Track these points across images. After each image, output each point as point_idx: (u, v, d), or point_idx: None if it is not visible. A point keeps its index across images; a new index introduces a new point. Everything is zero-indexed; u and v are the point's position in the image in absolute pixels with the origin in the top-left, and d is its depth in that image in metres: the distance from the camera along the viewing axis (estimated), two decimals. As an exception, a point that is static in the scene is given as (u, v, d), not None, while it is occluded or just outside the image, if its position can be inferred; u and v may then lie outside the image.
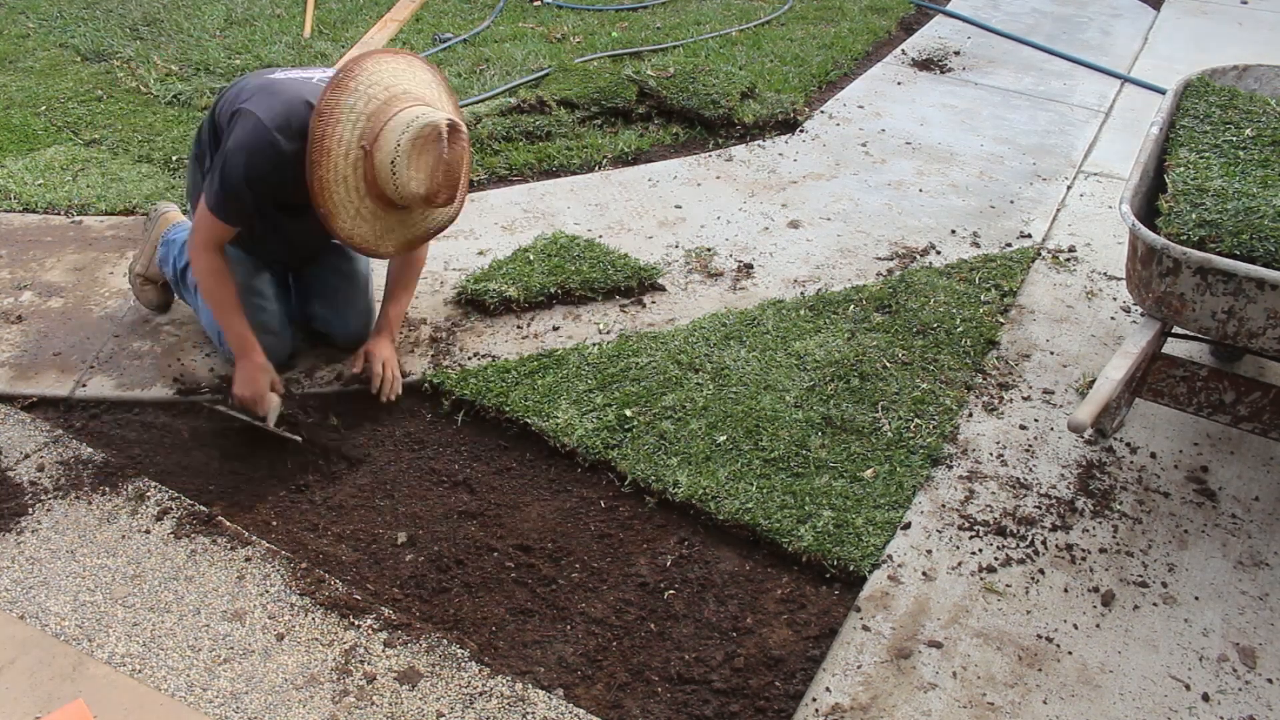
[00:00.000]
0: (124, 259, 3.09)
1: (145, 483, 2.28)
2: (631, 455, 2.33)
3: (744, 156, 3.79)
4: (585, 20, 5.14)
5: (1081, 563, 2.10)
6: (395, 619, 1.96)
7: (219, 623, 1.95)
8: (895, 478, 2.27)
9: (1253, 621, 1.98)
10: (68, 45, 4.74)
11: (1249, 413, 2.12)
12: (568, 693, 1.85)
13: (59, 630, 1.93)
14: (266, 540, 2.14)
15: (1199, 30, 5.24)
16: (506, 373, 2.58)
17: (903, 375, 2.59)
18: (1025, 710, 1.81)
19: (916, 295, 2.91)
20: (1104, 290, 3.00)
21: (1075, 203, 3.49)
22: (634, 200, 3.47)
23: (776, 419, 2.43)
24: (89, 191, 3.46)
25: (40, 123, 3.98)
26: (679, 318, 2.85)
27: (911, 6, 5.40)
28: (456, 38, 4.81)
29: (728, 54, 4.62)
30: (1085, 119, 4.16)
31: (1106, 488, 2.29)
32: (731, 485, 2.24)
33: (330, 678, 1.85)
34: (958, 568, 2.09)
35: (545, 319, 2.84)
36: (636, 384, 2.55)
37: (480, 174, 3.65)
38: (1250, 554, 2.13)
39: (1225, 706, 1.82)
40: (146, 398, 2.56)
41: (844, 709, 1.80)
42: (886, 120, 4.09)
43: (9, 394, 2.54)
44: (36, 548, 2.11)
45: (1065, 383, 2.62)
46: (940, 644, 1.93)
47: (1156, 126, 2.39)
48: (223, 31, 4.90)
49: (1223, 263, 1.91)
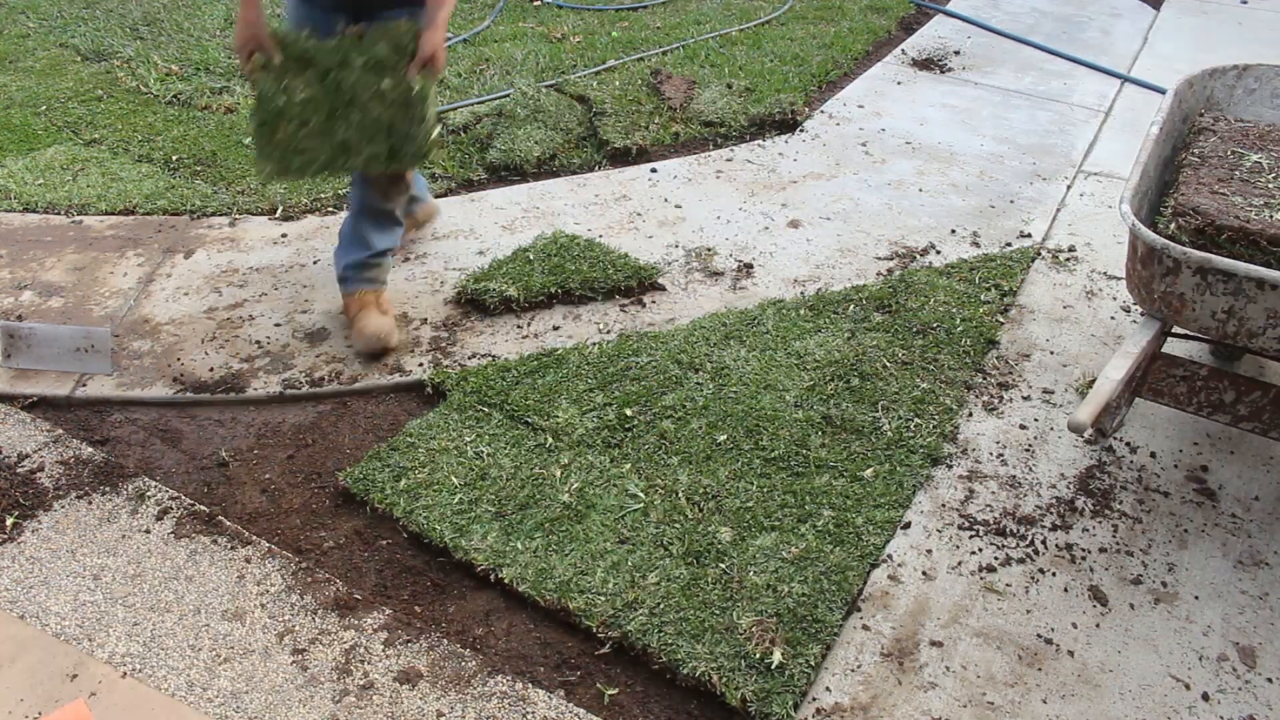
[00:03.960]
0: (124, 259, 3.09)
1: (145, 483, 2.28)
2: (632, 455, 2.33)
3: (744, 156, 3.79)
4: (585, 20, 5.14)
5: (1081, 562, 2.10)
6: (395, 619, 1.96)
7: (219, 622, 1.95)
8: (895, 477, 2.27)
9: (1253, 621, 1.98)
10: (68, 45, 4.74)
11: (1249, 412, 2.12)
12: (568, 693, 1.85)
13: (59, 630, 1.93)
14: (266, 540, 2.14)
15: (1199, 30, 5.24)
16: (506, 372, 2.58)
17: (903, 375, 2.59)
18: (1025, 710, 1.81)
19: (916, 295, 2.91)
20: (1104, 290, 3.00)
21: (1075, 202, 3.49)
22: (634, 200, 3.47)
23: (776, 418, 2.43)
24: (89, 191, 3.46)
25: (40, 122, 3.98)
26: (679, 317, 2.85)
27: (911, 6, 5.40)
28: (456, 37, 4.81)
29: (728, 53, 4.62)
30: (1085, 119, 4.16)
31: (1106, 487, 2.29)
32: (731, 485, 2.24)
33: (330, 678, 1.85)
34: (958, 567, 2.09)
35: (545, 318, 2.84)
36: (637, 383, 2.55)
37: (480, 174, 3.65)
38: (1250, 553, 2.13)
39: (1225, 706, 1.82)
40: (146, 398, 2.56)
41: (844, 709, 1.80)
42: (886, 120, 4.09)
43: (9, 394, 2.54)
44: (37, 547, 2.11)
45: (1065, 382, 2.62)
46: (940, 643, 1.93)
47: (1157, 126, 2.39)
48: (223, 31, 4.90)
49: (1223, 262, 1.90)
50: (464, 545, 2.10)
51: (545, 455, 2.34)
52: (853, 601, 2.00)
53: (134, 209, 3.38)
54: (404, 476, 2.27)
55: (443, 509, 2.19)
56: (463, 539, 2.11)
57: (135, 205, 3.39)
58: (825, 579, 2.02)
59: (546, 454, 2.34)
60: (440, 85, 4.24)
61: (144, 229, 3.27)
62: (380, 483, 2.26)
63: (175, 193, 3.46)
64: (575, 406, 2.47)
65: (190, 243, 3.19)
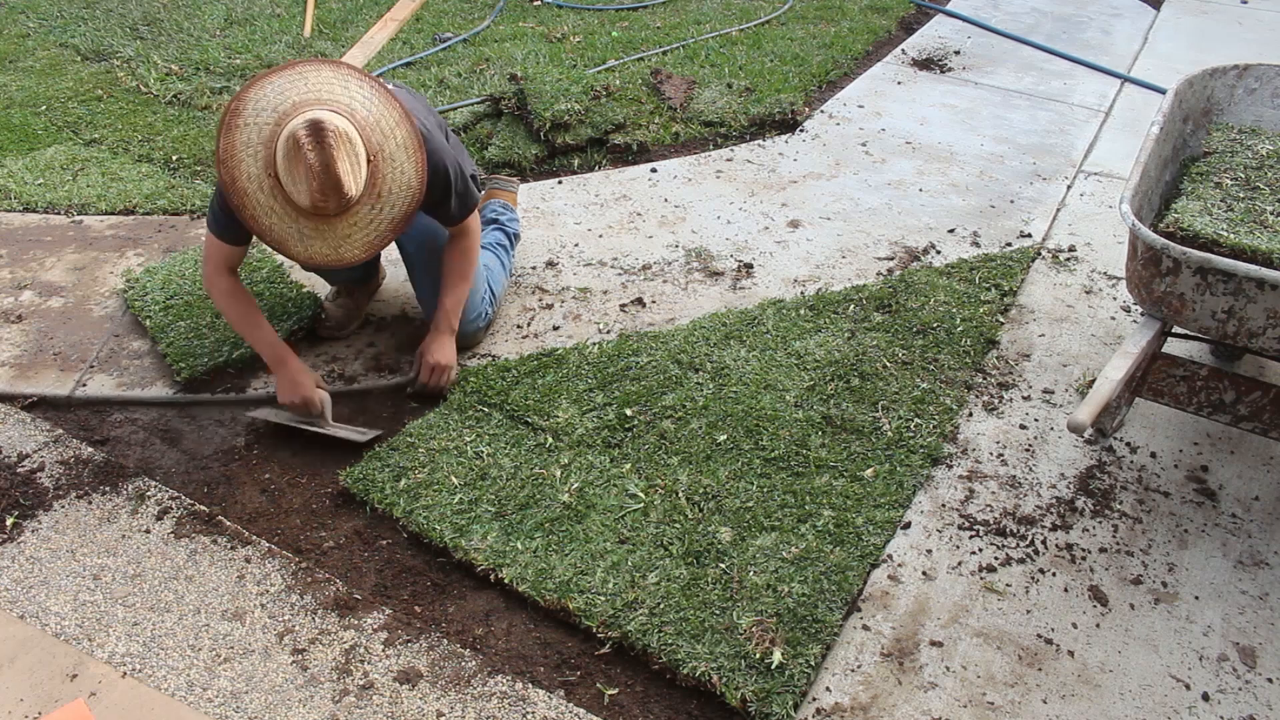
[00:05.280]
0: (124, 259, 3.09)
1: (145, 482, 2.28)
2: (632, 455, 2.33)
3: (744, 156, 3.79)
4: (585, 20, 5.14)
5: (1081, 562, 2.10)
6: (395, 619, 1.96)
7: (219, 622, 1.95)
8: (895, 477, 2.27)
9: (1253, 621, 1.98)
10: (68, 45, 4.74)
11: (1249, 412, 2.12)
12: (569, 693, 1.85)
13: (59, 630, 1.93)
14: (266, 540, 2.14)
15: (1199, 30, 5.24)
16: (506, 371, 2.58)
17: (903, 375, 2.59)
18: (1025, 710, 1.81)
19: (916, 295, 2.91)
20: (1104, 290, 3.00)
21: (1075, 202, 3.49)
22: (634, 199, 3.47)
23: (776, 418, 2.43)
24: (89, 191, 3.46)
25: (40, 122, 3.98)
26: (679, 317, 2.85)
27: (911, 6, 5.40)
28: (456, 37, 4.82)
29: (728, 53, 4.63)
30: (1085, 118, 4.16)
31: (1106, 487, 2.29)
32: (731, 485, 2.24)
33: (330, 678, 1.85)
34: (958, 567, 2.09)
35: (545, 318, 2.84)
36: (637, 383, 2.55)
37: (480, 174, 3.65)
38: (1250, 553, 2.13)
39: (1225, 706, 1.82)
40: (146, 398, 2.56)
41: (844, 709, 1.80)
42: (886, 120, 4.09)
43: (9, 394, 2.54)
44: (36, 547, 2.11)
45: (1065, 382, 2.62)
46: (940, 643, 1.93)
47: (1157, 126, 2.39)
48: (223, 31, 4.90)
49: (1223, 262, 1.90)
50: (464, 545, 2.10)
51: (545, 455, 2.34)
52: (853, 601, 2.00)
53: (134, 209, 3.38)
54: (404, 476, 2.27)
55: (443, 509, 2.19)
56: (463, 539, 2.11)
57: (135, 205, 3.39)
58: (825, 579, 2.02)
59: (546, 454, 2.34)
60: (440, 85, 4.24)
61: (144, 229, 3.27)
62: (380, 483, 2.26)
63: (175, 193, 3.46)
64: (575, 406, 2.47)
65: (190, 242, 3.19)
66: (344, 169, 2.05)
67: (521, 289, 2.98)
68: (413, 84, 4.22)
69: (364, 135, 2.13)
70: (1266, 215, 2.14)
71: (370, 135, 2.15)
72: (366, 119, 2.16)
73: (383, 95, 2.22)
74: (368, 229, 2.20)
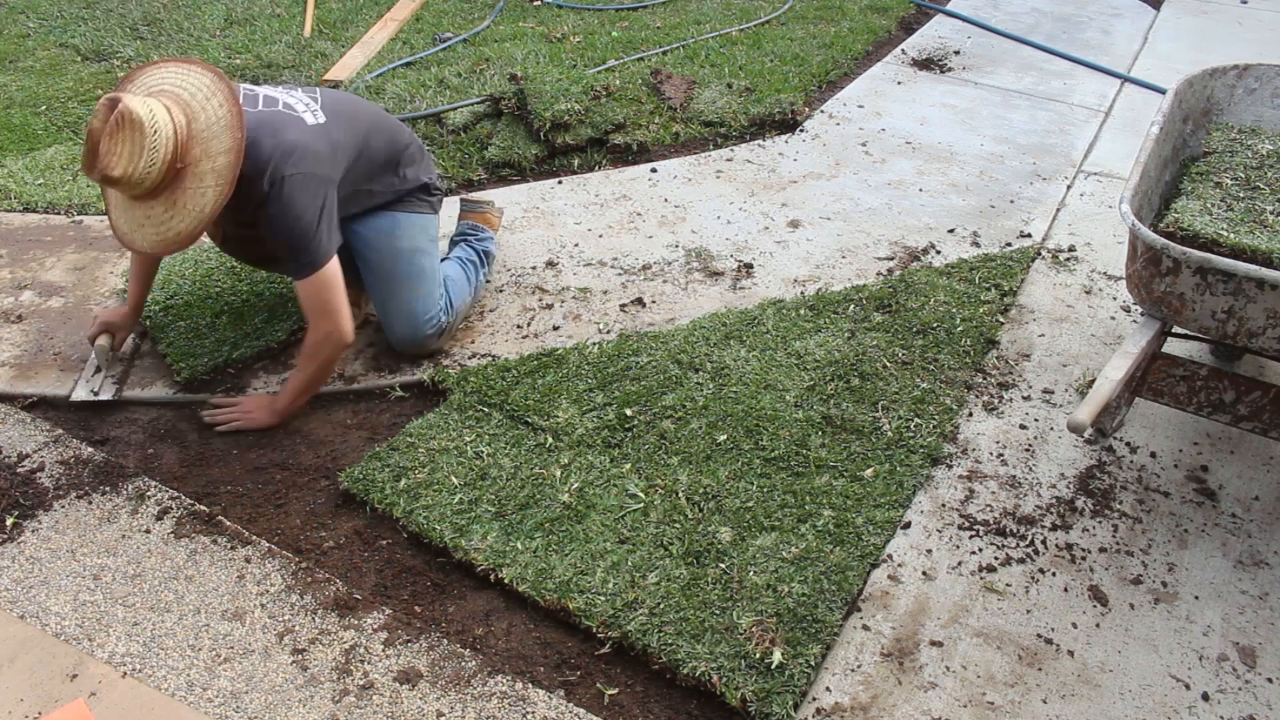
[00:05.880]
0: (124, 259, 3.09)
1: (145, 482, 2.28)
2: (632, 454, 2.33)
3: (744, 156, 3.79)
4: (585, 20, 5.14)
5: (1081, 562, 2.10)
6: (395, 619, 1.96)
7: (219, 622, 1.95)
8: (895, 477, 2.27)
9: (1253, 621, 1.98)
10: (68, 45, 4.74)
11: (1249, 412, 2.12)
12: (569, 693, 1.85)
13: (59, 630, 1.93)
14: (266, 540, 2.14)
15: (1199, 30, 5.24)
16: (507, 371, 2.58)
17: (903, 375, 2.59)
18: (1025, 710, 1.81)
19: (916, 295, 2.91)
20: (1104, 290, 3.00)
21: (1075, 202, 3.49)
22: (634, 199, 3.47)
23: (776, 418, 2.43)
24: (89, 191, 3.46)
25: (40, 122, 3.98)
26: (679, 317, 2.85)
27: (911, 6, 5.40)
28: (456, 37, 4.81)
29: (728, 53, 4.63)
30: (1085, 118, 4.16)
31: (1106, 487, 2.29)
32: (731, 485, 2.24)
33: (330, 678, 1.85)
34: (958, 567, 2.09)
35: (545, 318, 2.84)
36: (637, 383, 2.55)
37: (480, 173, 3.65)
38: (1250, 553, 2.13)
39: (1225, 706, 1.82)
40: (146, 398, 2.56)
41: (844, 709, 1.80)
42: (886, 120, 4.09)
43: (9, 394, 2.54)
44: (36, 547, 2.11)
45: (1065, 382, 2.62)
46: (940, 643, 1.93)
47: (1157, 126, 2.39)
48: (223, 31, 4.90)
49: (1223, 262, 1.90)
50: (464, 545, 2.10)
51: (545, 455, 2.34)
52: (853, 601, 2.00)
53: (134, 209, 3.38)
54: (404, 476, 2.27)
55: (443, 509, 2.19)
56: (463, 539, 2.11)
57: (135, 205, 3.39)
58: (825, 579, 2.02)
59: (546, 454, 2.34)
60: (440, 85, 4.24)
61: (144, 229, 3.27)
62: (380, 483, 2.26)
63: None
64: (575, 406, 2.47)
65: (190, 243, 3.19)
66: (107, 146, 2.12)
67: (521, 289, 2.98)
68: (413, 84, 4.21)
69: (181, 142, 2.19)
70: (1266, 215, 2.14)
71: (191, 147, 2.20)
72: (200, 133, 2.21)
73: (232, 124, 2.22)
74: (160, 227, 2.25)
